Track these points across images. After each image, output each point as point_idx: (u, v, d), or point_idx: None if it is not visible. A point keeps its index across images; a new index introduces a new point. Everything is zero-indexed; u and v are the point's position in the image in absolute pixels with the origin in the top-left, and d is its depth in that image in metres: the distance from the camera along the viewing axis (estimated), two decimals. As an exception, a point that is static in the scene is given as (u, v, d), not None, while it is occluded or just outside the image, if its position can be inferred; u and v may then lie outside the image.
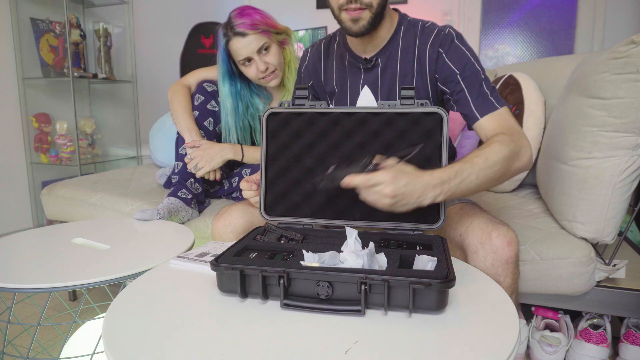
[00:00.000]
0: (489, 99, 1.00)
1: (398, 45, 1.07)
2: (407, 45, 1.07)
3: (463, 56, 1.02)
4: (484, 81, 1.01)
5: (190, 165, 1.41)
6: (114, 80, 2.69)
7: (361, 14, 0.98)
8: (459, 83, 1.02)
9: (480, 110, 1.00)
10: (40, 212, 2.52)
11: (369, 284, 0.65)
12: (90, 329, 1.17)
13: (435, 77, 1.05)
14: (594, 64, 1.10)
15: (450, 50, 1.02)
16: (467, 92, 1.01)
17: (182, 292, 0.75)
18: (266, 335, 0.60)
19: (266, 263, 0.71)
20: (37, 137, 2.48)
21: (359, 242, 0.76)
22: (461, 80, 1.01)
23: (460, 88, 1.02)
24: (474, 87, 1.01)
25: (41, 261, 0.98)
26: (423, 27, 1.07)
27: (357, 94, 1.13)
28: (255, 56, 1.35)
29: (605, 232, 1.08)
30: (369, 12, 0.99)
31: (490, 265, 0.89)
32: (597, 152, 1.06)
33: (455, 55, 1.02)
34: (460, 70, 1.01)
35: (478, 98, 1.00)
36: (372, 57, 1.09)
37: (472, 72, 1.01)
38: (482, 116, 1.00)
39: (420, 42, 1.05)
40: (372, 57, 1.09)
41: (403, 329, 0.62)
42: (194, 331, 0.61)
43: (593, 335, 1.17)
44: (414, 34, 1.07)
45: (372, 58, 1.09)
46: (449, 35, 1.03)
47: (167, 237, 1.13)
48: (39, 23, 2.44)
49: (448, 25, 1.06)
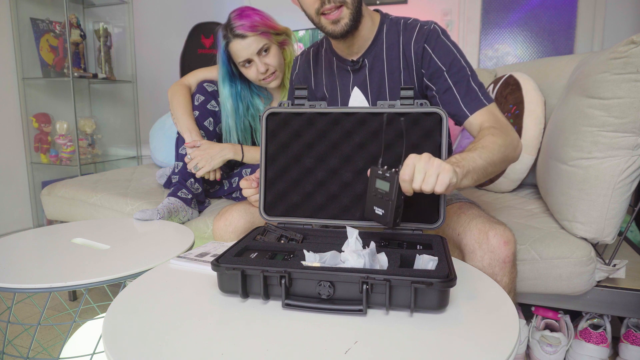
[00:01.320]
0: (478, 96, 1.01)
1: (382, 43, 1.08)
2: (391, 42, 1.08)
3: (449, 52, 1.02)
4: (471, 77, 1.02)
5: (190, 165, 1.41)
6: (114, 80, 2.69)
7: (340, 14, 0.99)
8: (446, 80, 1.02)
9: (469, 107, 1.01)
10: (40, 212, 2.51)
11: (370, 284, 0.65)
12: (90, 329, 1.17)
13: (422, 73, 1.06)
14: (594, 64, 1.10)
15: (437, 46, 1.02)
16: (455, 90, 1.02)
17: (182, 292, 0.75)
18: (266, 335, 0.60)
19: (267, 263, 0.71)
20: (37, 137, 2.48)
21: (360, 242, 0.76)
22: (448, 77, 1.02)
23: (447, 85, 1.02)
24: (461, 84, 1.01)
25: (41, 261, 0.98)
26: (405, 24, 1.07)
27: (348, 95, 1.14)
28: (255, 58, 1.35)
29: (605, 232, 1.08)
30: (347, 9, 0.99)
31: (487, 264, 0.89)
32: (597, 152, 1.06)
33: (441, 51, 1.02)
34: (447, 66, 1.02)
35: (467, 95, 1.01)
36: (359, 59, 1.10)
37: (459, 68, 1.02)
38: (471, 113, 1.01)
39: (404, 39, 1.06)
40: (359, 59, 1.10)
41: (404, 329, 0.62)
42: (194, 331, 0.61)
43: (593, 335, 1.17)
44: (397, 31, 1.07)
45: (359, 59, 1.10)
46: (434, 31, 1.03)
47: (167, 237, 1.13)
48: (39, 23, 2.43)
49: (432, 20, 1.07)
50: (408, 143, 0.90)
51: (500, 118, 1.01)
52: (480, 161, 0.85)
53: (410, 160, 0.75)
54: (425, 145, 0.91)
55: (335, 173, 0.96)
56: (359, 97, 1.12)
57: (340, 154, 0.95)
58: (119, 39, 2.86)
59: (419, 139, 0.91)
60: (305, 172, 0.97)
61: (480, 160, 0.85)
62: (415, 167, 0.74)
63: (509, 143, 0.94)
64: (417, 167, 0.74)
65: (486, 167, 0.87)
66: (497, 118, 1.00)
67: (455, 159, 0.83)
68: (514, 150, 0.96)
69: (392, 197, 0.76)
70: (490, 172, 0.89)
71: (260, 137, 0.99)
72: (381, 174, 0.79)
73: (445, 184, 0.73)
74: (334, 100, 1.17)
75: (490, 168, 0.88)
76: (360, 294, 0.65)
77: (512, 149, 0.95)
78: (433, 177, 0.73)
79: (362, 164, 0.94)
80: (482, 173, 0.86)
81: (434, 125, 0.90)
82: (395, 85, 1.08)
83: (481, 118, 1.00)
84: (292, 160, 0.97)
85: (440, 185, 0.73)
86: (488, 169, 0.87)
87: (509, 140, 0.95)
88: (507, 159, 0.95)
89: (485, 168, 0.86)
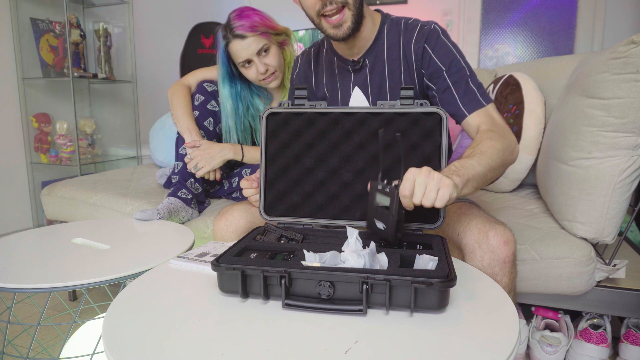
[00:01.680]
0: (476, 96, 1.02)
1: (383, 44, 1.09)
2: (392, 43, 1.08)
3: (449, 53, 1.03)
4: (470, 78, 1.02)
5: (190, 165, 1.41)
6: (114, 80, 2.69)
7: (342, 18, 0.98)
8: (445, 80, 1.02)
9: (467, 107, 1.01)
10: (40, 212, 2.51)
11: (370, 284, 0.65)
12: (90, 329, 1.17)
13: (422, 73, 1.06)
14: (594, 64, 1.10)
15: (437, 46, 1.03)
16: (454, 90, 1.02)
17: (182, 292, 0.75)
18: (266, 335, 0.60)
19: (267, 263, 0.71)
20: (37, 137, 2.48)
21: (360, 242, 0.76)
22: (447, 77, 1.02)
23: (446, 85, 1.02)
24: (460, 84, 1.02)
25: (41, 261, 0.98)
26: (406, 24, 1.08)
27: (348, 95, 1.14)
28: (255, 58, 1.35)
29: (606, 232, 1.08)
30: (349, 11, 0.99)
31: (487, 264, 0.89)
32: (597, 152, 1.06)
33: (441, 51, 1.03)
34: (447, 66, 1.02)
35: (465, 95, 1.02)
36: (360, 59, 1.10)
37: (458, 68, 1.02)
38: (469, 113, 1.01)
39: (404, 39, 1.06)
40: (360, 59, 1.10)
41: (404, 329, 0.62)
42: (194, 331, 0.61)
43: (593, 335, 1.17)
44: (397, 32, 1.08)
45: (360, 59, 1.10)
46: (434, 31, 1.04)
47: (167, 237, 1.13)
48: (39, 23, 2.43)
49: (432, 21, 1.07)
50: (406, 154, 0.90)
51: (497, 120, 1.01)
52: (480, 168, 0.85)
53: (410, 175, 0.74)
54: (425, 145, 0.91)
55: (335, 173, 0.96)
56: (360, 97, 1.12)
57: (340, 154, 0.95)
58: (118, 39, 2.86)
59: (419, 139, 0.91)
60: (305, 172, 0.97)
61: (479, 167, 0.85)
62: (415, 181, 0.74)
63: (506, 147, 0.94)
64: (417, 181, 0.74)
65: (485, 173, 0.87)
66: (495, 120, 1.00)
67: (454, 167, 0.83)
68: (511, 153, 0.96)
69: (392, 213, 0.77)
70: (490, 178, 0.90)
71: (260, 137, 0.99)
72: (381, 189, 0.79)
73: (445, 199, 0.73)
74: (335, 100, 1.17)
75: (489, 174, 0.88)
76: (360, 294, 0.65)
77: (509, 152, 0.95)
78: (433, 192, 0.73)
79: (362, 164, 0.94)
80: (482, 180, 0.86)
81: (434, 125, 0.90)
82: (396, 85, 1.08)
83: (479, 119, 1.00)
84: (292, 160, 0.97)
85: (441, 201, 0.73)
86: (487, 175, 0.88)
87: (507, 143, 0.95)
88: (505, 162, 0.95)
89: (484, 175, 0.86)
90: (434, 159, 0.90)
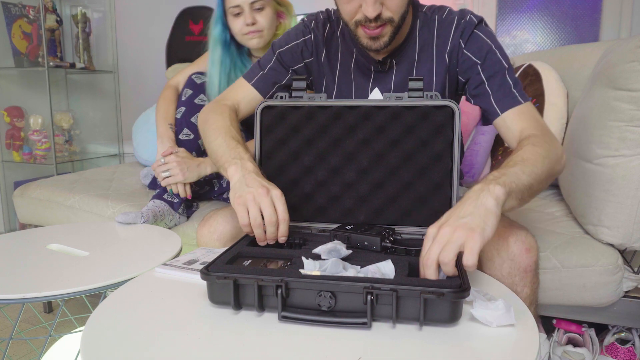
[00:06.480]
0: (512, 92, 0.99)
1: (415, 44, 1.07)
2: (425, 43, 1.06)
3: (484, 45, 1.01)
4: (507, 71, 1.00)
5: (159, 170, 1.35)
6: (94, 70, 2.69)
7: (382, 31, 0.96)
8: (479, 74, 1.01)
9: (501, 104, 0.99)
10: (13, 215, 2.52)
11: (375, 294, 0.65)
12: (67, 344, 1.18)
13: (456, 71, 1.05)
14: (622, 52, 1.10)
15: (470, 39, 1.02)
16: (487, 85, 1.00)
17: (169, 303, 0.75)
18: (261, 350, 0.60)
19: (262, 271, 0.71)
20: (9, 133, 2.48)
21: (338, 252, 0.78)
22: (481, 71, 1.01)
23: (480, 80, 1.01)
24: (495, 79, 1.00)
25: (13, 269, 0.98)
26: (441, 21, 1.05)
27: (365, 96, 1.11)
28: (247, 7, 1.39)
29: (634, 238, 1.09)
30: (390, 27, 0.96)
31: (506, 273, 0.89)
32: (624, 149, 1.06)
33: (475, 44, 1.01)
34: (482, 60, 1.01)
35: (499, 91, 0.99)
36: (386, 59, 1.07)
37: (494, 61, 1.00)
38: (503, 111, 0.99)
39: (439, 39, 1.05)
40: (386, 59, 1.07)
41: (412, 343, 0.62)
42: (182, 346, 0.61)
43: (620, 351, 1.17)
44: (431, 30, 1.06)
45: (386, 59, 1.07)
46: (469, 23, 1.02)
47: (152, 243, 1.13)
48: (10, 7, 2.44)
49: (467, 10, 1.05)
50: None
51: (539, 120, 0.97)
52: (525, 177, 0.79)
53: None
54: (435, 141, 0.91)
55: (337, 172, 0.96)
56: (378, 97, 1.09)
57: (343, 151, 0.95)
58: (98, 25, 2.87)
59: (428, 134, 0.91)
60: (304, 172, 0.97)
61: (523, 175, 0.79)
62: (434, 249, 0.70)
63: (552, 154, 0.88)
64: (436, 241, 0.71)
65: (532, 184, 0.81)
66: (536, 120, 0.96)
67: (493, 176, 0.78)
68: (558, 162, 0.90)
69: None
70: (536, 190, 0.84)
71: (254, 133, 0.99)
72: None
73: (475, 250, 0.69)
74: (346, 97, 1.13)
75: (535, 185, 0.82)
76: (364, 305, 0.65)
77: (555, 160, 0.89)
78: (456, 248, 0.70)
79: (366, 162, 0.94)
80: (527, 192, 0.81)
81: (445, 119, 0.90)
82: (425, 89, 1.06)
83: (515, 119, 0.97)
84: (290, 158, 0.98)
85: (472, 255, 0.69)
86: (533, 186, 0.82)
87: (553, 150, 0.89)
88: (551, 173, 0.88)
89: (530, 186, 0.81)
90: (444, 157, 0.90)
